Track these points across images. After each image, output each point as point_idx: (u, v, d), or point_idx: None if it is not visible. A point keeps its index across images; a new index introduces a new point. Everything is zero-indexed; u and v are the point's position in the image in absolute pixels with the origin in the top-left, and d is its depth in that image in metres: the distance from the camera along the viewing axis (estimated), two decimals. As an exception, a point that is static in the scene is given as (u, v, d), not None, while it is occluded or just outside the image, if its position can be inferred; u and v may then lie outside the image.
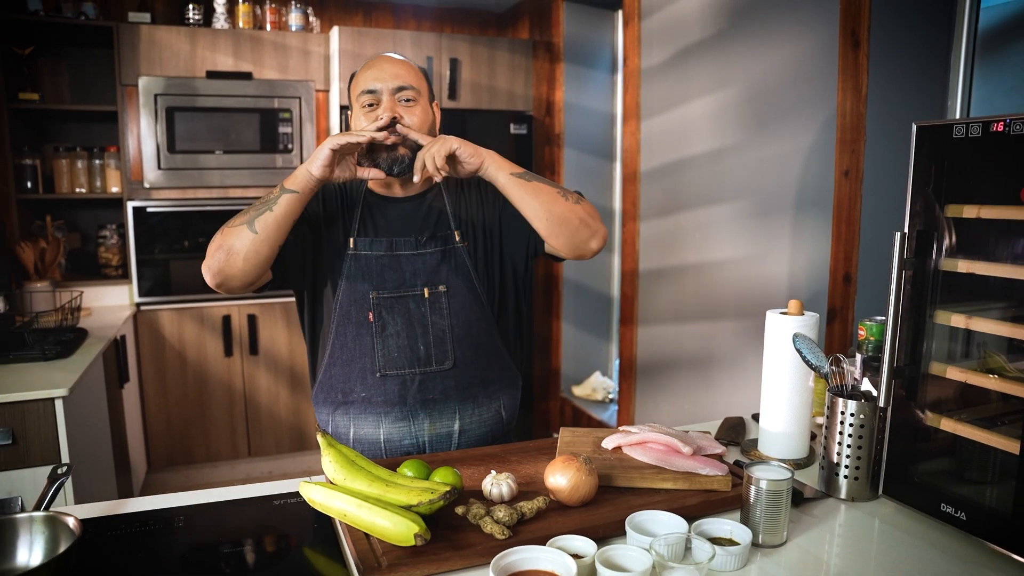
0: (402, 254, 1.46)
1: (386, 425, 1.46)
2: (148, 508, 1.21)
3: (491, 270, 1.53)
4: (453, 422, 1.49)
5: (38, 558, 0.98)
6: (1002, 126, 1.00)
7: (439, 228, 1.50)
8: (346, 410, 1.48)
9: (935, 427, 1.15)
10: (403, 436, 1.47)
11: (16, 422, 1.92)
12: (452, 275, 1.48)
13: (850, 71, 1.91)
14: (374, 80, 1.43)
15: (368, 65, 1.47)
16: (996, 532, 1.03)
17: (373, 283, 1.45)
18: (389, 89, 1.42)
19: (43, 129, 3.52)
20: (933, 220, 1.13)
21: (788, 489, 1.08)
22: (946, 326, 1.14)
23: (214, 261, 1.36)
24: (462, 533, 1.05)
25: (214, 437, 3.55)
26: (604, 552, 0.99)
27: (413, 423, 1.47)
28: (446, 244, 1.49)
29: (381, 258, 1.45)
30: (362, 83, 1.44)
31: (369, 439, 1.47)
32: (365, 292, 1.45)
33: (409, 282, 1.46)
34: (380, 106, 1.42)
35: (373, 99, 1.43)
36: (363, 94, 1.43)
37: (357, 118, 1.46)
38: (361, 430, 1.47)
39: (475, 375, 1.50)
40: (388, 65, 1.44)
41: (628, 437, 1.31)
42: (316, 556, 1.08)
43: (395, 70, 1.44)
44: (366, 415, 1.47)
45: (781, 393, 1.38)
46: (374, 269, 1.45)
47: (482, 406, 1.52)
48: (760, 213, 2.30)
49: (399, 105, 1.42)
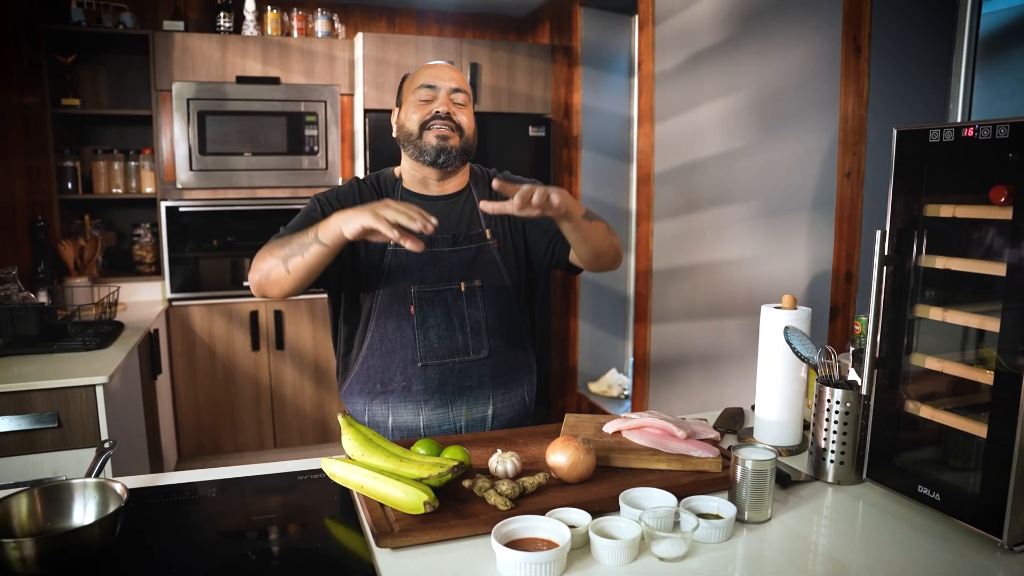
0: (440, 251, 1.57)
1: (426, 412, 1.56)
2: (184, 481, 1.33)
3: (519, 267, 1.65)
4: (487, 407, 1.60)
5: (91, 517, 1.09)
6: (972, 131, 1.07)
7: (472, 227, 1.61)
8: (384, 399, 1.58)
9: (915, 414, 1.22)
10: (442, 422, 1.57)
11: (61, 406, 2.06)
12: (485, 271, 1.59)
13: (852, 76, 1.98)
14: (434, 78, 1.56)
15: (427, 67, 1.60)
16: (966, 511, 1.11)
17: (414, 278, 1.55)
18: (447, 88, 1.56)
19: (83, 133, 3.70)
20: (913, 219, 1.21)
21: (772, 469, 1.16)
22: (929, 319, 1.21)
23: (255, 279, 1.47)
24: (468, 504, 1.15)
25: (241, 429, 3.69)
26: (597, 523, 1.08)
27: (451, 409, 1.57)
28: (479, 241, 1.60)
29: (421, 254, 1.52)
30: (421, 79, 1.57)
31: (409, 426, 1.57)
32: (407, 286, 1.54)
33: (447, 277, 1.57)
34: (436, 101, 1.55)
35: (431, 95, 1.56)
36: (422, 88, 1.56)
37: (409, 110, 1.57)
38: (400, 418, 1.57)
39: (506, 363, 1.62)
40: (447, 69, 1.59)
41: (627, 422, 1.39)
42: (335, 525, 1.18)
43: (452, 74, 1.59)
44: (405, 403, 1.57)
45: (775, 383, 1.46)
46: (415, 264, 1.55)
47: (511, 392, 1.64)
48: (767, 213, 2.37)
49: (453, 105, 1.56)
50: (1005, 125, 1.03)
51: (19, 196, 2.94)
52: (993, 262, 1.08)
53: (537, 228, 1.63)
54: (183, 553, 1.08)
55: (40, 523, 1.08)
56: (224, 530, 1.16)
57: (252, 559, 1.07)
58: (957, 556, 1.07)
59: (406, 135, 1.58)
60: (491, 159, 3.82)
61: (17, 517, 1.06)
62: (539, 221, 1.57)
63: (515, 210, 1.25)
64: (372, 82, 3.60)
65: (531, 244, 1.66)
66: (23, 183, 2.99)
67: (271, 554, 1.10)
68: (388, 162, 3.63)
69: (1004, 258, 1.05)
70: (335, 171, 3.71)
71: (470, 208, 1.62)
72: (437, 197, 1.61)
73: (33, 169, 3.12)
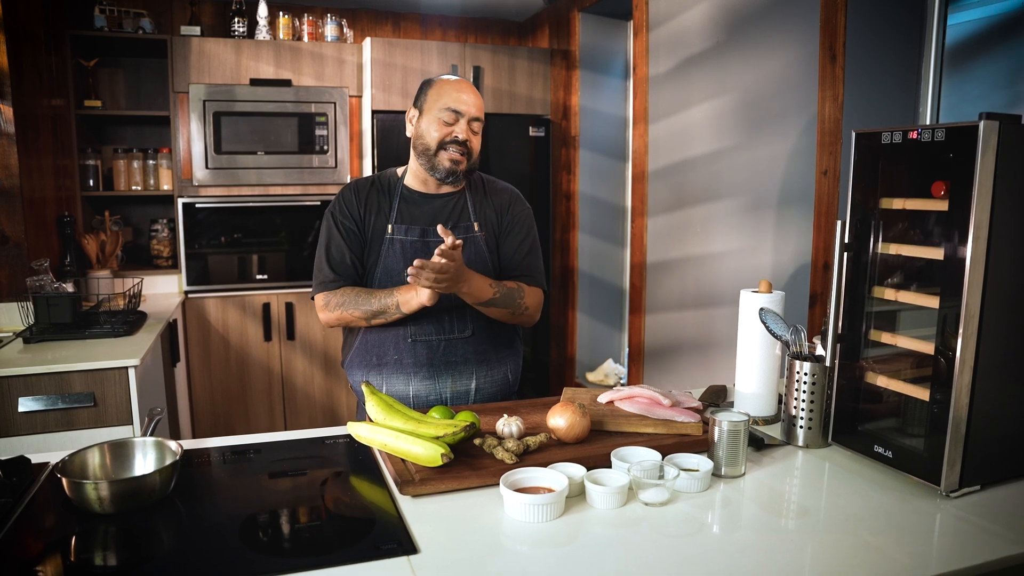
0: (431, 240, 1.76)
1: (415, 383, 1.76)
2: (224, 444, 1.49)
3: (501, 259, 1.84)
4: (471, 381, 1.79)
5: (151, 468, 1.26)
6: (916, 134, 1.24)
7: (462, 219, 1.81)
8: (380, 370, 1.77)
9: (873, 384, 1.38)
10: (428, 392, 1.76)
11: (97, 387, 2.22)
12: (472, 259, 1.77)
13: (828, 81, 2.14)
14: (461, 104, 1.72)
15: (454, 87, 1.74)
16: (912, 465, 1.27)
17: (408, 263, 1.71)
18: (469, 116, 1.73)
19: (104, 132, 3.87)
20: (870, 211, 1.37)
21: (745, 429, 1.33)
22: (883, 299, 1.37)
23: (328, 321, 1.77)
24: (479, 459, 1.32)
25: (253, 415, 3.85)
26: (592, 473, 1.24)
27: (437, 381, 1.76)
28: (467, 233, 1.79)
29: (415, 243, 1.76)
30: (448, 100, 1.72)
31: (399, 395, 1.76)
32: (400, 271, 1.73)
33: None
34: (458, 126, 1.72)
35: (454, 119, 1.72)
36: (448, 110, 1.71)
37: (431, 125, 1.73)
38: (392, 387, 1.77)
39: (489, 342, 1.81)
40: (472, 97, 1.75)
41: (618, 392, 1.56)
42: (360, 481, 1.34)
43: (476, 102, 1.75)
44: (397, 375, 1.76)
45: (752, 360, 1.62)
46: (408, 252, 1.74)
47: (494, 369, 1.83)
48: (752, 208, 2.54)
49: (470, 132, 1.74)
50: (942, 129, 1.19)
51: (48, 193, 3.11)
52: (933, 247, 1.25)
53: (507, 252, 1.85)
54: (229, 502, 1.25)
55: (109, 472, 1.25)
56: (265, 484, 1.33)
57: (291, 507, 1.24)
58: (903, 502, 1.24)
59: (423, 147, 1.74)
60: (493, 158, 3.98)
61: (91, 466, 1.23)
62: (510, 248, 1.84)
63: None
64: (380, 84, 3.77)
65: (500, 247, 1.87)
66: (51, 180, 3.16)
67: (308, 502, 1.26)
68: (395, 161, 3.82)
69: (942, 244, 1.22)
70: (344, 169, 3.87)
71: (462, 205, 1.82)
72: (435, 195, 1.81)
73: (59, 167, 3.29)
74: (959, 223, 1.17)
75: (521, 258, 1.84)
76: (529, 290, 1.80)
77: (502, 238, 1.84)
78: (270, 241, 3.84)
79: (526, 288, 1.79)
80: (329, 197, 3.88)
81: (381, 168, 3.80)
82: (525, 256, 1.84)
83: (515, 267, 1.83)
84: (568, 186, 4.13)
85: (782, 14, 2.35)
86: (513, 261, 1.83)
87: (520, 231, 1.85)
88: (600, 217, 4.11)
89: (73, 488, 1.12)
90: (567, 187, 4.14)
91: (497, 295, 1.72)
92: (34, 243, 2.84)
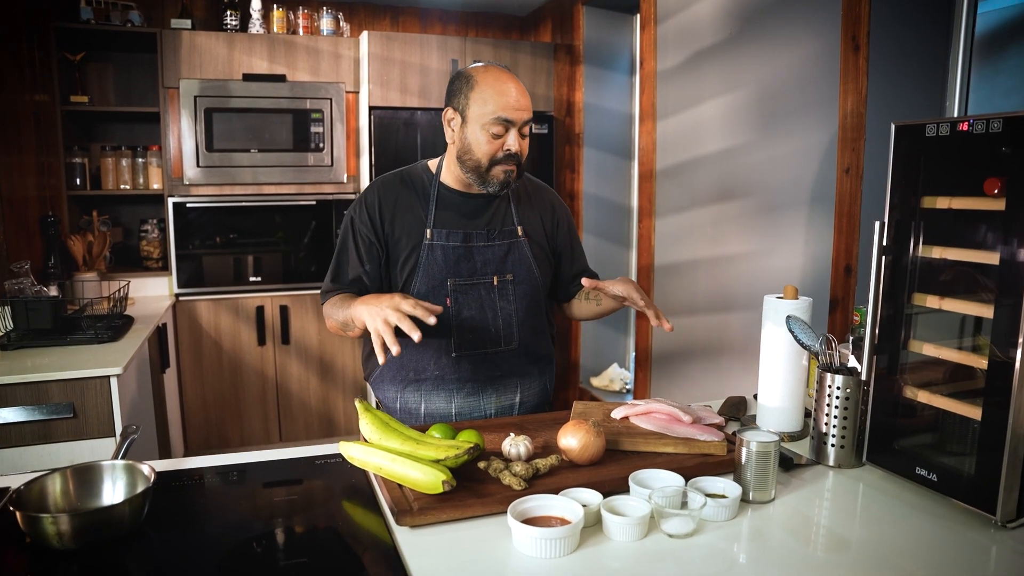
0: (474, 245, 1.62)
1: (458, 400, 1.64)
2: (205, 465, 1.37)
3: (548, 263, 1.74)
4: (515, 395, 1.68)
5: (120, 497, 1.14)
6: (967, 125, 1.12)
7: (505, 223, 1.67)
8: (417, 387, 1.64)
9: (913, 399, 1.26)
10: (472, 409, 1.64)
11: (77, 397, 2.10)
12: (517, 265, 1.66)
13: (851, 74, 2.02)
14: (511, 111, 1.50)
15: (499, 87, 1.52)
16: (962, 491, 1.15)
17: (450, 271, 1.60)
18: (520, 122, 1.52)
19: (91, 129, 3.74)
20: (910, 211, 1.25)
21: (776, 451, 1.21)
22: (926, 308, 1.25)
23: (331, 328, 1.63)
24: (484, 485, 1.19)
25: (247, 423, 3.73)
26: (609, 501, 1.12)
27: (482, 397, 1.65)
28: (511, 238, 1.66)
29: (457, 248, 1.61)
30: (498, 109, 1.50)
31: (440, 413, 1.64)
32: (443, 279, 1.59)
33: (480, 271, 1.63)
34: (509, 137, 1.52)
35: (504, 129, 1.51)
36: (498, 121, 1.50)
37: (480, 139, 1.52)
38: (433, 405, 1.64)
39: (533, 353, 1.70)
40: (523, 98, 1.53)
41: (634, 408, 1.44)
42: (353, 507, 1.23)
43: (525, 103, 1.53)
44: (438, 391, 1.63)
45: (777, 371, 1.50)
46: (450, 258, 1.60)
47: (535, 380, 1.72)
48: (768, 209, 2.42)
49: (521, 139, 1.54)
50: (998, 120, 1.07)
51: (31, 192, 2.99)
52: (987, 251, 1.13)
53: (566, 261, 1.77)
54: (208, 532, 1.13)
55: (72, 501, 1.12)
56: (247, 511, 1.21)
57: (276, 538, 1.12)
58: (953, 532, 1.12)
59: (472, 162, 1.55)
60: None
61: (52, 495, 1.10)
62: (569, 257, 1.77)
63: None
64: (377, 79, 3.64)
65: (561, 257, 1.79)
66: (34, 179, 3.04)
67: (294, 533, 1.14)
68: (393, 158, 3.70)
69: (997, 248, 1.10)
70: (340, 167, 3.75)
71: (505, 206, 1.68)
72: (476, 195, 1.64)
73: (43, 165, 3.16)
74: (1018, 224, 1.05)
75: (579, 255, 1.83)
76: None
77: (552, 242, 1.76)
78: (264, 242, 3.71)
79: None
80: (325, 196, 3.76)
81: (379, 166, 3.68)
82: (580, 253, 1.83)
83: (576, 266, 1.81)
84: (572, 185, 4.01)
85: (801, 3, 2.23)
86: (575, 263, 1.81)
87: (569, 230, 1.80)
88: (605, 217, 3.99)
89: (28, 523, 0.99)
90: (571, 186, 4.02)
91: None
92: (14, 244, 2.72)
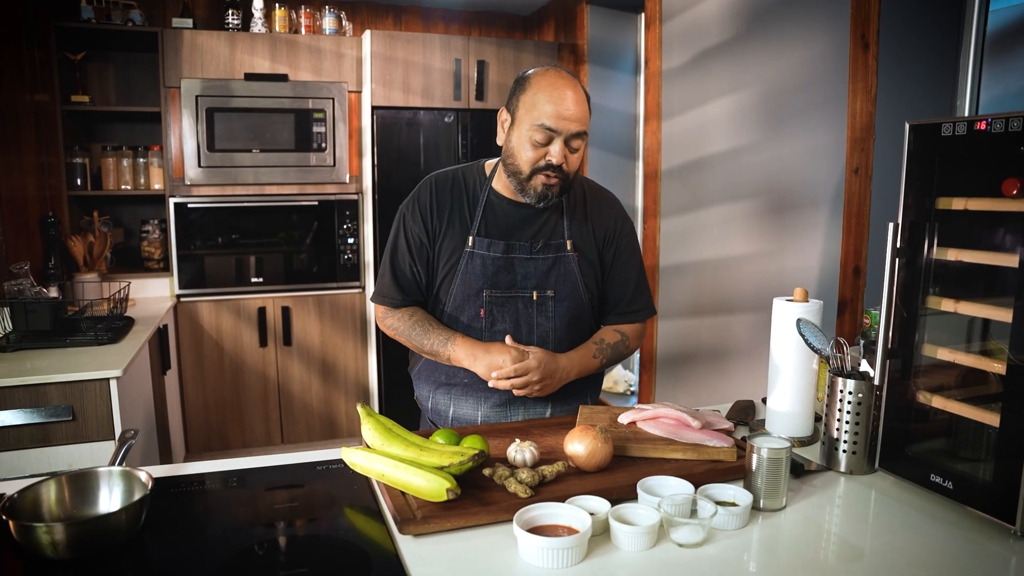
0: (516, 257, 1.57)
1: (484, 408, 1.61)
2: (204, 471, 1.35)
3: (596, 281, 1.65)
4: (545, 410, 1.63)
5: (117, 505, 1.11)
6: (984, 124, 1.09)
7: (554, 236, 1.59)
8: (448, 391, 1.62)
9: (927, 404, 1.23)
10: (499, 419, 1.61)
11: (76, 400, 2.08)
12: (560, 281, 1.59)
13: (860, 73, 1.99)
14: (559, 121, 1.42)
15: (551, 93, 1.44)
16: (978, 499, 1.12)
17: (487, 282, 1.56)
18: (568, 133, 1.44)
19: (92, 129, 3.72)
20: (925, 212, 1.22)
21: (787, 458, 1.18)
22: (940, 311, 1.23)
23: (387, 333, 1.67)
24: (488, 492, 1.17)
25: (249, 425, 3.71)
26: (617, 509, 1.10)
27: (509, 408, 1.61)
28: (558, 252, 1.59)
29: (497, 259, 1.55)
30: (543, 115, 1.43)
31: (467, 418, 1.62)
32: (479, 289, 1.56)
33: (520, 284, 1.58)
34: (553, 147, 1.45)
35: (548, 139, 1.44)
36: (540, 128, 1.43)
37: (523, 145, 1.47)
38: (461, 410, 1.62)
39: None
40: (574, 108, 1.43)
41: (642, 413, 1.41)
42: (355, 514, 1.20)
43: (577, 113, 1.44)
44: (467, 397, 1.61)
45: (787, 375, 1.47)
46: (489, 269, 1.56)
47: (572, 396, 1.65)
48: (775, 210, 2.39)
49: (568, 151, 1.46)
50: (1019, 118, 1.04)
51: (30, 192, 2.96)
52: (1005, 254, 1.10)
53: (615, 285, 1.67)
54: (207, 540, 1.10)
55: (68, 509, 1.10)
56: (247, 518, 1.18)
57: (276, 547, 1.09)
58: (970, 542, 1.09)
59: (514, 168, 1.51)
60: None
61: (46, 503, 1.08)
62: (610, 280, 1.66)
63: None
64: (380, 79, 3.62)
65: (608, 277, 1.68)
66: (34, 179, 3.01)
67: (295, 540, 1.12)
68: (396, 158, 3.67)
69: (1016, 250, 1.07)
70: (343, 167, 3.73)
71: (556, 218, 1.60)
72: (526, 205, 1.57)
73: (43, 165, 3.14)
74: (1039, 226, 1.03)
75: (631, 292, 1.66)
76: (633, 330, 1.68)
77: (607, 266, 1.65)
78: (266, 242, 3.69)
79: (630, 331, 1.67)
80: (327, 196, 3.74)
81: (382, 166, 3.66)
82: (635, 289, 1.67)
83: (623, 303, 1.67)
84: (575, 185, 3.98)
85: (809, 1, 2.21)
86: (624, 297, 1.67)
87: (629, 259, 1.67)
88: (608, 218, 3.96)
89: (21, 532, 0.97)
90: (574, 186, 3.99)
91: (604, 362, 1.63)
92: (13, 245, 2.70)
